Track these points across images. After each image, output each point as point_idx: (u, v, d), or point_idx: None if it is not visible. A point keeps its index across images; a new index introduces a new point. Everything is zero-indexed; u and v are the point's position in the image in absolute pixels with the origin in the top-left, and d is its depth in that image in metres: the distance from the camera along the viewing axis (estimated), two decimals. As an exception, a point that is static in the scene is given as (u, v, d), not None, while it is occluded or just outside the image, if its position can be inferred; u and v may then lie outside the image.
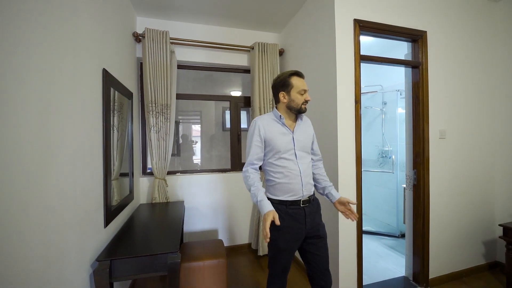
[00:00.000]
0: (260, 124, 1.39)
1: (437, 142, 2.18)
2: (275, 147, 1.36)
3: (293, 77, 1.40)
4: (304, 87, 1.39)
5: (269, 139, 1.37)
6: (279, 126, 1.40)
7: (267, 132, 1.38)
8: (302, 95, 1.39)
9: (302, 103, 1.39)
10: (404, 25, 2.07)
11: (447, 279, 2.23)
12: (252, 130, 1.40)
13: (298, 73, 1.41)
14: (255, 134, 1.38)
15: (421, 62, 2.12)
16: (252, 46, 2.76)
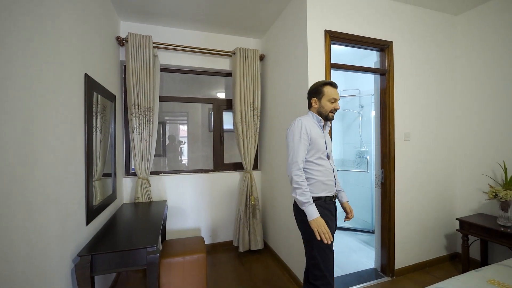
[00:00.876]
0: (306, 124, 1.47)
1: (402, 144, 2.37)
2: (317, 146, 1.47)
3: (326, 86, 1.51)
4: (335, 96, 1.50)
5: (314, 139, 1.46)
6: (317, 128, 1.52)
7: (312, 132, 1.47)
8: (332, 103, 1.50)
9: (331, 110, 1.50)
10: (372, 36, 2.24)
11: (412, 269, 2.43)
12: (299, 129, 1.45)
13: (331, 83, 1.53)
14: (302, 132, 1.44)
15: (387, 70, 2.31)
16: (233, 51, 2.88)
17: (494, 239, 2.04)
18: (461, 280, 1.31)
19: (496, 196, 2.10)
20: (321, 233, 1.32)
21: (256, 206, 2.86)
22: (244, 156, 2.85)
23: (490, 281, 1.29)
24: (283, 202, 2.53)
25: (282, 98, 2.54)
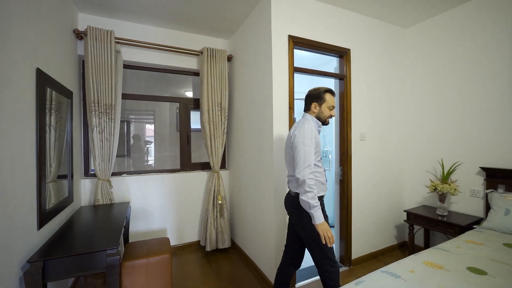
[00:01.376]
0: (313, 129, 1.51)
1: (358, 143, 2.58)
2: (319, 150, 1.55)
3: (327, 93, 1.60)
4: (333, 104, 1.60)
5: (318, 142, 1.54)
6: (317, 133, 1.58)
7: (317, 136, 1.54)
8: (330, 110, 1.60)
9: (328, 116, 1.61)
10: (332, 43, 2.41)
11: (367, 259, 2.65)
12: (309, 132, 1.48)
13: (331, 91, 1.62)
14: (312, 136, 1.48)
15: (345, 75, 2.49)
16: (201, 51, 2.88)
17: (433, 227, 2.32)
18: (402, 263, 1.49)
19: (435, 190, 2.39)
20: (327, 237, 1.41)
21: (224, 205, 2.89)
22: (212, 156, 2.86)
23: (424, 262, 1.48)
24: (250, 200, 2.60)
25: (249, 99, 2.61)
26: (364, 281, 1.31)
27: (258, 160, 2.39)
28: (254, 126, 2.48)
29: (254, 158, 2.48)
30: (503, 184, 2.15)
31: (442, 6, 2.47)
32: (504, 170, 2.13)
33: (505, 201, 2.00)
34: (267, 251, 2.23)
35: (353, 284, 1.30)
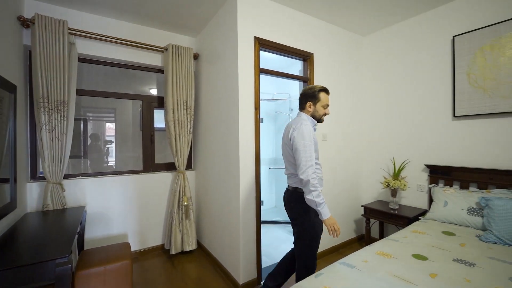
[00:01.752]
0: (310, 128, 1.57)
1: (321, 143, 2.71)
2: (317, 148, 1.61)
3: (322, 92, 1.64)
4: (328, 102, 1.65)
5: (315, 141, 1.59)
6: (313, 131, 1.63)
7: (315, 135, 1.60)
8: (324, 109, 1.65)
9: (323, 115, 1.67)
10: (297, 47, 2.50)
11: (329, 252, 2.80)
12: (308, 132, 1.53)
13: (326, 90, 1.66)
14: (311, 137, 1.54)
15: (309, 78, 2.61)
16: (166, 47, 2.78)
17: (387, 220, 2.54)
18: (357, 254, 1.61)
19: (388, 186, 2.62)
20: (333, 230, 1.50)
21: (190, 206, 2.83)
22: (177, 156, 2.79)
23: (377, 252, 1.62)
24: (217, 201, 2.58)
25: (215, 98, 2.59)
26: (323, 274, 1.38)
27: (224, 160, 2.39)
28: (221, 126, 2.47)
29: (220, 158, 2.47)
30: (443, 179, 2.43)
31: (394, 18, 2.71)
32: (443, 166, 2.41)
33: (444, 194, 2.26)
34: (233, 251, 2.24)
35: (313, 277, 1.37)
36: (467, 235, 1.86)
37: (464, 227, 2.01)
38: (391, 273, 1.35)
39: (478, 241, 1.77)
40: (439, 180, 2.47)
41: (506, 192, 1.97)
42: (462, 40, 2.28)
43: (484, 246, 1.68)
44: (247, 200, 2.17)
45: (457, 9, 2.34)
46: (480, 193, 2.09)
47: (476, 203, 2.03)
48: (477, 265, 1.43)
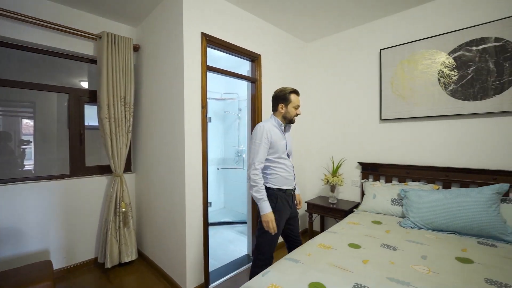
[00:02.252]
0: (267, 129, 1.66)
1: (269, 143, 2.78)
2: (277, 148, 1.69)
3: (292, 94, 1.73)
4: (299, 103, 1.74)
5: (274, 141, 1.67)
6: (279, 132, 1.73)
7: (273, 136, 1.67)
8: (295, 110, 1.74)
9: (294, 115, 1.75)
10: (245, 47, 2.51)
11: (277, 249, 2.87)
12: (260, 133, 1.65)
13: (296, 92, 1.76)
14: (263, 137, 1.64)
15: (257, 78, 2.64)
16: (99, 35, 2.46)
17: (327, 214, 2.75)
18: (301, 249, 1.69)
19: (328, 182, 2.84)
20: (268, 228, 1.61)
21: (129, 213, 2.57)
22: (113, 158, 2.49)
23: (318, 245, 1.73)
24: (161, 205, 2.40)
25: (158, 95, 2.41)
26: (270, 271, 1.41)
27: (169, 161, 2.24)
28: (164, 125, 2.30)
29: (164, 159, 2.31)
30: (372, 174, 2.76)
31: (333, 29, 2.95)
32: (372, 164, 2.73)
33: (373, 188, 2.57)
34: (179, 257, 2.12)
35: (260, 276, 1.38)
36: (391, 223, 2.14)
37: (388, 216, 2.31)
38: (331, 264, 1.46)
39: (399, 227, 2.05)
40: (369, 175, 2.79)
41: (419, 184, 2.35)
42: (387, 53, 2.62)
43: (403, 231, 1.96)
44: (193, 202, 2.08)
45: (384, 26, 2.68)
46: (400, 186, 2.43)
47: (397, 194, 2.36)
48: (398, 248, 1.65)
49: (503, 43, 2.01)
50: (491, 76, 2.06)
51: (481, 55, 2.10)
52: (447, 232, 1.91)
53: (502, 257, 1.50)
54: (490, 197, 1.83)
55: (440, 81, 2.31)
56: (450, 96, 2.26)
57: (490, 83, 2.06)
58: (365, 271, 1.37)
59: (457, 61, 2.22)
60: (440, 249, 1.62)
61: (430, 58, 2.36)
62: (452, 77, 2.24)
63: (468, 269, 1.38)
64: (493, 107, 2.06)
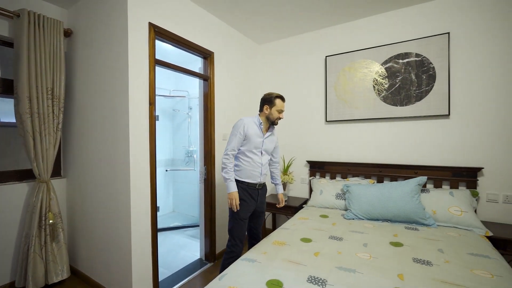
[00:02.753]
0: (246, 123, 1.88)
1: (221, 143, 2.73)
2: (250, 142, 1.87)
3: (278, 99, 1.92)
4: (282, 108, 1.93)
5: (249, 136, 1.87)
6: (257, 129, 1.91)
7: (249, 130, 1.87)
8: (279, 113, 1.92)
9: (276, 118, 1.93)
10: (198, 43, 2.41)
11: (229, 250, 2.86)
12: (237, 126, 1.87)
13: (282, 97, 1.94)
14: (239, 129, 1.86)
15: (209, 76, 2.57)
16: (17, 13, 2.05)
17: (278, 211, 2.84)
18: (257, 248, 1.70)
19: (280, 180, 2.94)
20: (231, 204, 1.82)
21: (59, 225, 2.20)
22: (36, 160, 2.10)
23: (273, 243, 1.77)
24: (100, 212, 2.12)
25: (97, 88, 2.12)
26: (227, 274, 1.38)
27: (110, 163, 2.00)
28: (105, 122, 2.04)
29: (104, 162, 2.05)
30: (319, 172, 2.96)
31: (284, 34, 3.07)
32: (319, 162, 2.94)
33: (319, 184, 2.76)
34: (123, 269, 1.90)
35: (217, 280, 1.34)
36: (336, 216, 2.33)
37: (334, 209, 2.51)
38: (285, 259, 1.50)
39: (343, 219, 2.25)
40: (316, 173, 2.99)
41: (358, 179, 2.62)
42: (331, 60, 2.85)
43: (346, 222, 2.15)
44: (140, 207, 1.90)
45: (329, 35, 2.90)
46: (343, 181, 2.67)
47: (340, 189, 2.58)
48: (344, 239, 1.81)
49: (421, 58, 2.39)
50: (413, 85, 2.43)
51: (405, 67, 2.46)
52: (382, 221, 2.17)
53: (423, 239, 1.78)
54: (413, 188, 2.15)
55: (375, 88, 2.62)
56: (382, 101, 2.58)
57: (412, 92, 2.43)
58: (317, 263, 1.45)
59: (388, 71, 2.55)
60: (377, 236, 1.83)
61: (366, 67, 2.66)
62: (384, 85, 2.57)
63: (400, 251, 1.59)
64: (414, 112, 2.43)
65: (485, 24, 2.17)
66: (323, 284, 1.25)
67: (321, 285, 1.25)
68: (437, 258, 1.49)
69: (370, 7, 2.48)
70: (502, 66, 2.11)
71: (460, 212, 2.01)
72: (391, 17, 2.55)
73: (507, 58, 2.09)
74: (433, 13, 2.37)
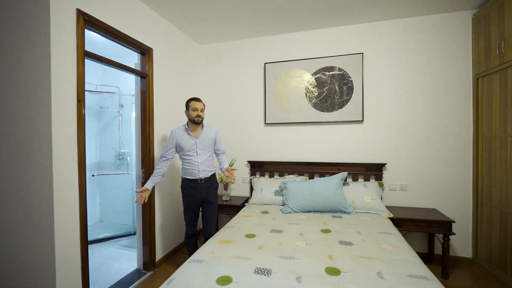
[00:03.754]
0: (174, 134, 2.19)
1: (160, 144, 2.61)
2: (182, 148, 2.16)
3: (191, 101, 2.15)
4: (196, 107, 2.13)
5: (179, 143, 2.17)
6: (186, 134, 2.18)
7: (177, 138, 2.17)
8: (194, 112, 2.13)
9: (194, 117, 2.13)
10: (135, 37, 2.24)
11: (171, 255, 2.75)
12: (169, 137, 2.22)
13: (195, 98, 2.18)
14: (169, 140, 2.21)
15: (148, 74, 2.42)
16: None
17: (221, 211, 2.88)
18: (204, 249, 1.72)
19: (221, 180, 2.99)
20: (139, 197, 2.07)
21: None
22: None
23: (219, 242, 1.81)
24: (10, 229, 1.74)
25: (9, 79, 1.74)
26: (175, 278, 1.36)
27: (24, 171, 1.67)
28: (17, 123, 1.70)
29: (18, 171, 1.70)
30: (259, 171, 3.14)
31: (223, 37, 3.13)
32: (259, 162, 3.12)
33: (260, 183, 2.93)
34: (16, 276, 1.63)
35: (165, 285, 1.31)
36: (275, 211, 2.53)
37: (273, 205, 2.72)
38: (232, 256, 1.58)
39: (281, 213, 2.46)
40: (256, 172, 3.17)
41: (294, 177, 2.90)
42: (270, 67, 3.07)
43: (284, 216, 2.37)
44: (66, 218, 1.65)
45: (268, 43, 3.11)
46: (280, 179, 2.91)
47: (278, 186, 2.81)
48: (283, 231, 1.99)
49: (343, 72, 2.82)
50: (337, 95, 2.84)
51: (331, 79, 2.86)
52: (313, 212, 2.47)
53: (346, 224, 2.12)
54: (337, 182, 2.53)
55: (307, 95, 2.95)
56: (313, 107, 2.93)
57: (336, 100, 2.85)
58: (261, 256, 1.57)
59: (317, 81, 2.91)
60: (311, 226, 2.09)
61: (300, 76, 2.97)
62: (314, 93, 2.92)
63: (329, 237, 1.87)
64: (337, 118, 2.85)
65: (389, 47, 2.72)
66: (268, 273, 1.37)
67: (267, 274, 1.37)
68: (356, 239, 1.81)
69: (304, 23, 2.78)
70: (400, 81, 2.70)
71: (371, 200, 2.47)
72: (321, 34, 2.92)
73: (403, 74, 2.69)
74: (351, 35, 2.83)
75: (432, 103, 2.62)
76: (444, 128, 2.59)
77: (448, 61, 2.57)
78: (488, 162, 2.32)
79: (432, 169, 2.63)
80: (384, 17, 2.66)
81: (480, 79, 2.42)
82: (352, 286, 1.24)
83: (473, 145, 2.50)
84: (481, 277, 2.29)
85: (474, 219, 2.48)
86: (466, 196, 2.54)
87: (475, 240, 2.47)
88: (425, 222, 2.30)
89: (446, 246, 2.26)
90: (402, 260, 1.50)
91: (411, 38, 2.66)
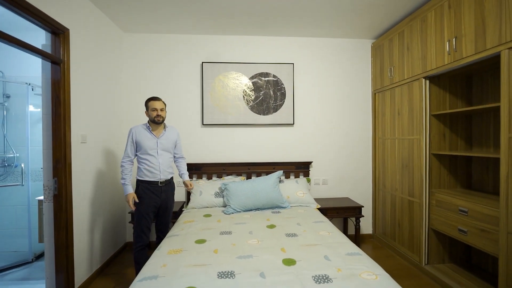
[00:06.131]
0: (134, 132, 2.11)
1: (79, 147, 2.16)
2: (142, 147, 2.09)
3: (150, 101, 2.10)
4: (155, 107, 2.07)
5: (139, 141, 2.09)
6: (147, 133, 2.12)
7: (137, 137, 2.09)
8: (153, 112, 2.08)
9: (155, 117, 2.08)
10: (43, 10, 1.77)
11: (94, 277, 2.30)
12: (128, 134, 2.13)
13: (153, 98, 2.13)
14: (129, 137, 2.11)
15: (62, 59, 1.96)
16: None
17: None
18: (152, 263, 1.53)
19: (155, 186, 2.72)
20: (128, 203, 2.02)
21: None
22: None
23: (168, 252, 1.65)
24: None
25: None
26: (129, 301, 1.18)
27: None
28: None
29: None
30: (196, 174, 3.03)
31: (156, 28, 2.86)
32: (196, 164, 3.01)
33: (198, 185, 2.83)
34: None
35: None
36: (218, 213, 2.51)
37: (214, 208, 2.68)
38: (189, 265, 1.49)
39: (225, 214, 2.46)
40: (193, 175, 3.04)
41: (233, 177, 2.95)
42: (207, 67, 3.01)
43: (229, 217, 2.38)
44: None
45: (205, 42, 3.04)
46: (219, 180, 2.89)
47: (218, 188, 2.79)
48: (232, 231, 2.01)
49: (277, 79, 3.07)
50: (272, 99, 3.07)
51: (266, 84, 3.06)
52: (255, 210, 2.59)
53: (286, 218, 2.33)
54: (274, 180, 2.73)
55: (244, 98, 3.05)
56: (250, 110, 3.06)
57: (271, 104, 3.07)
58: (219, 259, 1.55)
59: (254, 85, 3.05)
60: (256, 223, 2.19)
61: (238, 79, 3.04)
62: (251, 96, 3.05)
63: (275, 231, 2.01)
64: (272, 121, 3.07)
65: (314, 61, 3.14)
66: (232, 276, 1.37)
67: (231, 276, 1.37)
68: (298, 230, 2.02)
69: (245, 28, 2.87)
70: (323, 91, 3.16)
71: (303, 194, 2.79)
72: (260, 41, 3.08)
73: (324, 86, 3.16)
74: (285, 46, 3.12)
75: (345, 111, 3.19)
76: (353, 132, 3.20)
77: (355, 77, 3.20)
78: (382, 158, 3.02)
79: (345, 165, 3.20)
80: (311, 34, 3.06)
81: (376, 94, 3.12)
82: (309, 272, 1.40)
83: (372, 145, 3.20)
84: (379, 247, 2.97)
85: (373, 203, 3.18)
86: (368, 185, 3.22)
87: (374, 219, 3.17)
88: (343, 209, 2.79)
89: (357, 226, 2.81)
90: (338, 243, 1.78)
91: (329, 55, 3.16)
